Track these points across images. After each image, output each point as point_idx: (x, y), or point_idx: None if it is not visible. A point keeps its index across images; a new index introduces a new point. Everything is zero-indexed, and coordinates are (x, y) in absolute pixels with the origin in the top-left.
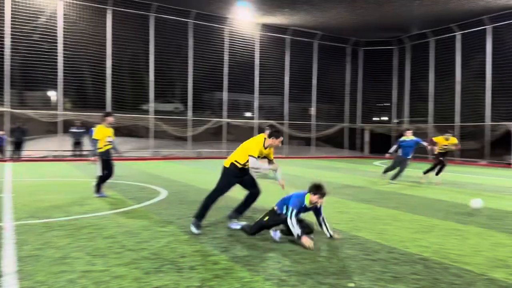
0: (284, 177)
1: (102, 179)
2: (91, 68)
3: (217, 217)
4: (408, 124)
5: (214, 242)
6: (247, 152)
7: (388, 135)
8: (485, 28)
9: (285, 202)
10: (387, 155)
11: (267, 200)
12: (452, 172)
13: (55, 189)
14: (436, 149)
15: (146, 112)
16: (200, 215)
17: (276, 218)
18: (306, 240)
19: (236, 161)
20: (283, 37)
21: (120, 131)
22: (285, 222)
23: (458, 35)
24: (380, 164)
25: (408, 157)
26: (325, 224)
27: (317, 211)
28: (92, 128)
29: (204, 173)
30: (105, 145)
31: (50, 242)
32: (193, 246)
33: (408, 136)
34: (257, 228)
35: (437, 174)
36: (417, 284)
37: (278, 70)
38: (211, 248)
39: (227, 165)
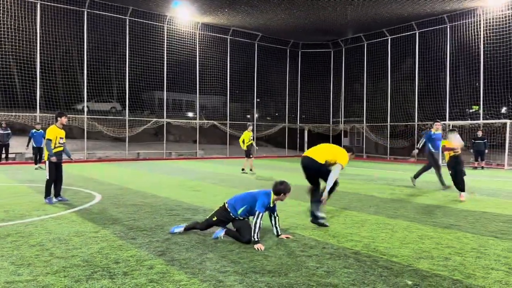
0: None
1: (50, 183)
2: (19, 65)
3: (153, 221)
4: (343, 124)
5: (150, 247)
6: (336, 159)
7: (326, 134)
8: (413, 33)
9: (242, 203)
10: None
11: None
12: (383, 169)
13: None
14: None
15: (81, 112)
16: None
17: (224, 216)
18: (259, 246)
19: (327, 161)
20: (224, 37)
21: None
22: (232, 221)
23: (389, 39)
24: None
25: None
26: (277, 222)
27: (272, 209)
28: (35, 131)
29: (141, 175)
30: (56, 147)
31: None
32: (128, 252)
33: (438, 129)
34: (205, 226)
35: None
36: (348, 277)
37: (219, 70)
38: (146, 253)
39: (323, 162)
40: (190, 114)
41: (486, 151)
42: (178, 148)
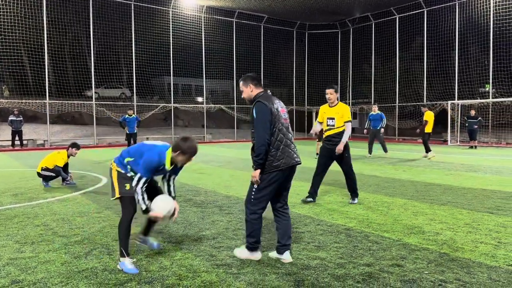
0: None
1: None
2: (28, 53)
3: None
4: (351, 106)
5: None
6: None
7: None
8: (422, 11)
9: (128, 154)
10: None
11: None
12: (390, 150)
13: None
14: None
15: (90, 98)
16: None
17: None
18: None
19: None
20: (229, 20)
21: (62, 118)
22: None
23: (397, 18)
24: None
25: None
26: (174, 185)
27: (175, 171)
28: (127, 116)
29: None
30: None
31: None
32: None
33: (375, 110)
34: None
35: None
36: (337, 251)
37: (226, 54)
38: None
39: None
40: (199, 99)
41: (477, 129)
42: (186, 132)
